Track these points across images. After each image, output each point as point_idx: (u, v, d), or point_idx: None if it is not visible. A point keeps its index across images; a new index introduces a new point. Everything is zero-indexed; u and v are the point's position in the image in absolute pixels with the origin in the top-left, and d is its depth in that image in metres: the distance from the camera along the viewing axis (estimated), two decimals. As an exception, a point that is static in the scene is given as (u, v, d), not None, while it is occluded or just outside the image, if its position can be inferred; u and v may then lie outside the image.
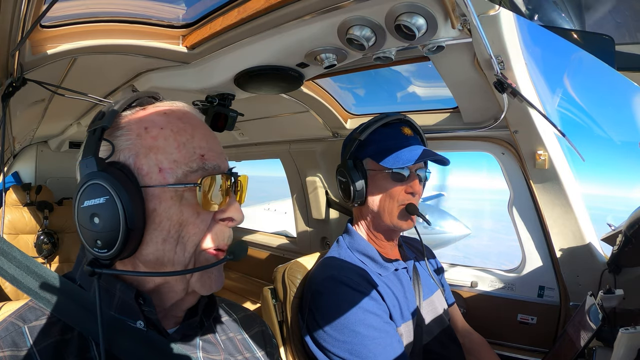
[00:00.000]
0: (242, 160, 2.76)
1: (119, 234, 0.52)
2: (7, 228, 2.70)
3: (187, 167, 0.56)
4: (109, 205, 0.52)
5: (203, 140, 0.59)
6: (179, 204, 0.56)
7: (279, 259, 2.63)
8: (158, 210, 0.55)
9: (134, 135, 0.57)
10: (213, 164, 0.58)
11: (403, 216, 1.17)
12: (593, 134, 2.89)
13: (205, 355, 0.64)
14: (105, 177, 0.52)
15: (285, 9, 0.92)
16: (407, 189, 1.16)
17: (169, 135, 0.57)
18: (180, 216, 0.56)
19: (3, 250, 0.56)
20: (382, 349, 1.01)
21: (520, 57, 1.11)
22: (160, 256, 0.56)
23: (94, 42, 1.12)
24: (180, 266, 0.57)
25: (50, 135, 2.99)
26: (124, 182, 0.53)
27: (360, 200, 1.19)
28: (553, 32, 0.51)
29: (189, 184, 0.55)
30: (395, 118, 1.22)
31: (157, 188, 0.55)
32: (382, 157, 1.15)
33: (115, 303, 0.57)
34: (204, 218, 0.57)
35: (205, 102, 1.36)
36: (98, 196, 0.53)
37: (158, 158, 0.56)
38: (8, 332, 0.52)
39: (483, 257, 10.61)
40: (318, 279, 1.13)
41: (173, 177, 0.56)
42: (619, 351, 0.85)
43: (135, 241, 0.54)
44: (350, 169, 1.18)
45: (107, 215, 0.52)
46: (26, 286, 0.55)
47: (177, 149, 0.57)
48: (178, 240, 0.56)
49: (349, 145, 1.22)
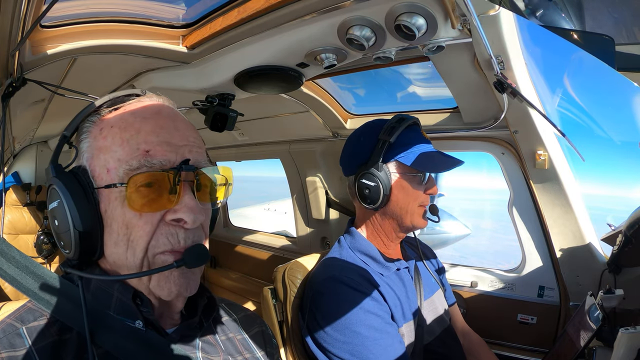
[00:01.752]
0: (242, 160, 2.76)
1: (71, 236, 0.54)
2: (7, 228, 2.70)
3: (127, 165, 0.53)
4: (60, 208, 0.54)
5: (152, 135, 0.55)
6: (121, 204, 0.54)
7: (279, 259, 2.63)
8: (108, 212, 0.55)
9: (92, 138, 0.57)
10: (160, 159, 0.54)
11: (423, 216, 1.18)
12: (593, 134, 2.88)
13: (205, 355, 0.63)
14: (57, 181, 0.55)
15: (285, 9, 0.92)
16: (427, 191, 1.18)
17: (116, 133, 0.55)
18: (124, 217, 0.54)
19: (2, 251, 0.56)
20: (383, 349, 1.01)
21: (520, 57, 1.11)
22: (116, 259, 0.56)
23: (94, 42, 1.12)
24: (133, 270, 0.55)
25: (50, 135, 3.00)
26: (74, 185, 0.54)
27: (384, 203, 1.16)
28: (553, 32, 0.51)
29: (121, 184, 0.53)
30: (412, 121, 1.20)
31: (104, 189, 0.55)
32: (418, 161, 1.13)
33: (114, 303, 0.57)
34: (147, 220, 0.54)
35: (205, 102, 1.36)
36: (54, 199, 0.56)
37: (105, 158, 0.55)
38: (5, 333, 0.52)
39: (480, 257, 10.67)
40: (319, 279, 1.13)
41: (117, 177, 0.54)
42: (619, 351, 0.85)
43: (90, 243, 0.55)
44: (381, 173, 1.14)
45: (60, 218, 0.55)
46: (25, 287, 0.55)
47: (121, 146, 0.54)
48: (128, 244, 0.54)
49: (377, 147, 1.15)
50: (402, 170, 1.15)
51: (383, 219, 1.21)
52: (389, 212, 1.18)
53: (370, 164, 1.15)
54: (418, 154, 1.14)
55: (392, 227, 1.20)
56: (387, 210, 1.18)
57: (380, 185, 1.13)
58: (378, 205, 1.15)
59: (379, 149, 1.14)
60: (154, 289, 0.57)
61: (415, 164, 1.12)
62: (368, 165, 1.15)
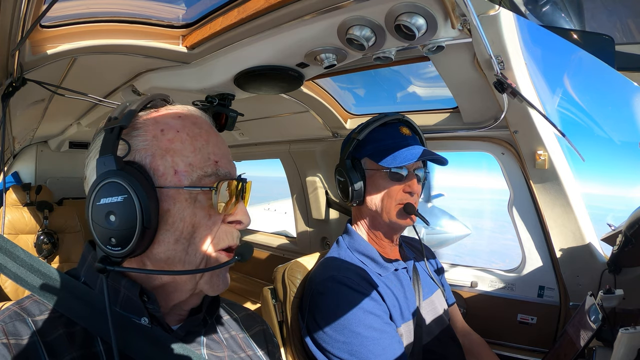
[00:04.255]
0: (242, 160, 2.76)
1: (135, 233, 0.53)
2: (7, 228, 2.70)
3: (202, 171, 0.58)
4: (127, 203, 0.53)
5: (217, 147, 0.61)
6: (192, 206, 0.57)
7: (279, 259, 2.64)
8: (172, 211, 0.56)
9: (150, 137, 0.58)
10: (225, 171, 0.61)
11: (401, 215, 1.17)
12: (593, 134, 2.89)
13: (210, 352, 0.64)
14: (124, 175, 0.53)
15: (285, 9, 0.92)
16: (405, 189, 1.16)
17: (185, 139, 0.59)
18: (194, 218, 0.57)
19: (6, 249, 0.56)
20: (381, 349, 1.01)
21: (520, 57, 1.11)
22: (172, 256, 0.57)
23: (94, 42, 1.12)
24: (191, 266, 0.58)
25: (50, 135, 3.00)
26: (142, 181, 0.54)
27: (359, 200, 1.20)
28: (553, 32, 0.51)
29: (204, 187, 0.57)
30: (393, 118, 1.22)
31: (172, 189, 0.56)
32: (380, 157, 1.15)
33: (120, 299, 0.57)
34: (215, 220, 0.59)
35: (205, 102, 1.36)
36: (116, 194, 0.53)
37: (174, 160, 0.57)
38: (12, 319, 0.52)
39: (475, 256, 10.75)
40: (318, 279, 1.13)
41: (188, 180, 0.57)
42: (619, 351, 0.85)
43: (148, 240, 0.55)
44: (349, 169, 1.18)
45: (124, 214, 0.53)
46: (30, 284, 0.56)
47: (193, 153, 0.58)
48: (190, 241, 0.57)
49: (347, 144, 1.22)
50: (371, 166, 1.18)
51: (366, 216, 1.23)
52: (368, 209, 1.21)
53: (340, 160, 1.22)
54: (382, 148, 1.16)
55: (375, 224, 1.22)
56: (366, 207, 1.21)
57: (347, 180, 1.17)
58: (351, 199, 1.19)
59: (348, 145, 1.20)
60: (202, 284, 0.60)
61: (377, 159, 1.15)
62: (340, 162, 1.22)
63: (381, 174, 1.17)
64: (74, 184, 3.28)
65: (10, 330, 0.51)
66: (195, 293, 0.62)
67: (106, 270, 0.54)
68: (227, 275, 0.63)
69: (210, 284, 0.61)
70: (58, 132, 2.80)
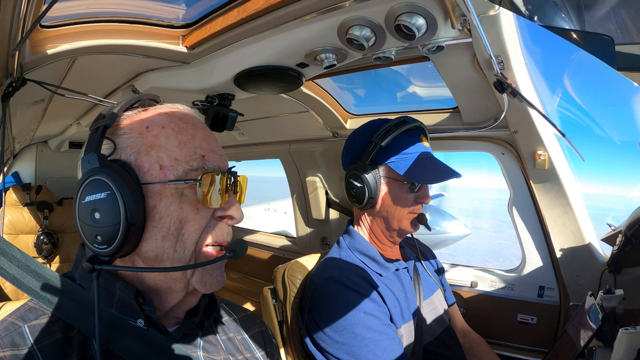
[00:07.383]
0: (242, 160, 2.76)
1: (119, 229, 0.52)
2: (7, 228, 2.70)
3: (187, 165, 0.57)
4: (110, 200, 0.52)
5: (204, 141, 0.60)
6: (179, 200, 0.56)
7: (279, 259, 2.63)
8: (158, 207, 0.55)
9: (136, 134, 0.58)
10: (213, 165, 0.59)
11: (413, 224, 1.17)
12: (593, 134, 2.90)
13: (206, 354, 0.64)
14: (106, 172, 0.53)
15: (285, 9, 0.92)
16: (418, 199, 1.16)
17: (170, 134, 0.58)
18: (180, 213, 0.56)
19: (3, 250, 0.56)
20: (381, 351, 1.01)
21: (520, 57, 1.11)
22: (160, 253, 0.56)
23: (94, 42, 1.12)
24: (180, 263, 0.57)
25: (50, 135, 3.00)
26: (125, 178, 0.53)
27: (370, 205, 1.17)
28: (553, 32, 0.51)
29: (189, 180, 0.56)
30: (414, 125, 1.18)
31: (157, 185, 0.56)
32: (406, 169, 1.12)
33: (116, 302, 0.57)
34: (203, 215, 0.58)
35: (205, 102, 1.36)
36: (99, 191, 0.53)
37: (159, 155, 0.57)
38: (8, 332, 0.52)
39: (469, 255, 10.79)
40: (318, 279, 1.13)
41: (174, 175, 0.56)
42: (619, 351, 0.85)
43: (135, 237, 0.54)
44: (369, 175, 1.14)
45: (108, 210, 0.53)
46: (26, 286, 0.56)
47: (179, 147, 0.58)
48: (178, 237, 0.56)
49: (367, 149, 1.16)
50: (391, 175, 1.15)
51: (373, 220, 1.22)
52: (377, 213, 1.19)
53: (359, 164, 1.16)
54: (409, 162, 1.13)
55: (381, 229, 1.21)
56: (375, 211, 1.19)
57: (366, 187, 1.14)
58: (363, 205, 1.16)
59: (369, 150, 1.15)
60: (194, 282, 0.59)
61: (404, 173, 1.11)
62: (357, 166, 1.16)
63: (400, 184, 1.15)
64: (74, 184, 3.26)
65: (5, 342, 0.51)
66: (189, 292, 0.61)
67: (95, 269, 0.53)
68: (221, 273, 0.62)
69: (202, 282, 0.59)
70: (58, 132, 2.80)
